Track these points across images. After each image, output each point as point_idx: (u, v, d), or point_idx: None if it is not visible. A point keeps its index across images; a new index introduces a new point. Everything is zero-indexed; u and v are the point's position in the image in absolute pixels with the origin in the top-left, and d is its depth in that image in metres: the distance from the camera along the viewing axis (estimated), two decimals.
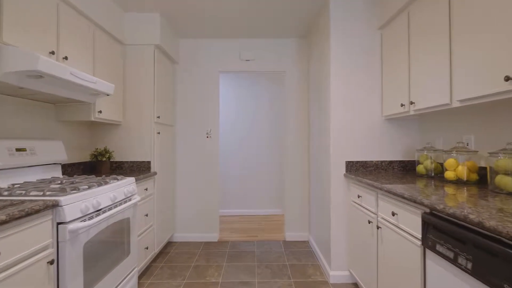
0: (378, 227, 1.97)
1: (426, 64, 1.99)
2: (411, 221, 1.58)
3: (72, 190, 1.76)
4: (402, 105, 2.27)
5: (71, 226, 1.58)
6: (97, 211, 1.85)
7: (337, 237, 2.68)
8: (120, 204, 2.16)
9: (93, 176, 2.39)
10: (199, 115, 3.86)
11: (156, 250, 3.10)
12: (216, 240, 3.81)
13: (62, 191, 1.70)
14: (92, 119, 2.52)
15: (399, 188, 1.77)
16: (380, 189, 1.90)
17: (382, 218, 1.94)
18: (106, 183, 2.08)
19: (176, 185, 3.85)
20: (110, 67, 2.79)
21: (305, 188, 3.85)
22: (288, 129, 3.86)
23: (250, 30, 3.64)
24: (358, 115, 2.70)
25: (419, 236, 1.49)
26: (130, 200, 2.34)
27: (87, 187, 1.89)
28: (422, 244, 1.45)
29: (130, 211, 2.34)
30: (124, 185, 2.27)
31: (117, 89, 2.92)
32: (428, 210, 1.46)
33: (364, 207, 2.26)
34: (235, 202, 5.15)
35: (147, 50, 3.09)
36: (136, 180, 2.55)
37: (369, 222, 2.10)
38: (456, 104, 1.73)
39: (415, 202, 1.50)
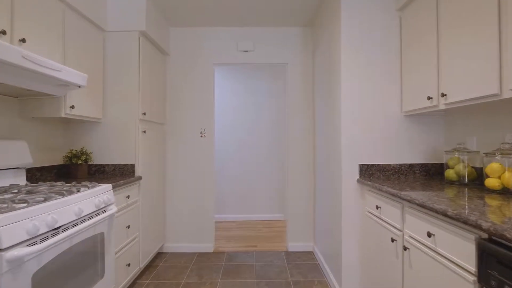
0: (405, 248, 1.59)
1: (463, 45, 1.61)
2: (459, 247, 1.20)
3: (19, 204, 1.38)
4: (429, 98, 1.90)
5: (10, 254, 1.20)
6: (54, 229, 1.48)
7: (349, 252, 2.30)
8: (90, 218, 1.79)
9: (62, 182, 2.01)
10: (192, 112, 3.48)
11: (142, 265, 2.72)
12: (211, 251, 3.43)
13: (3, 206, 1.32)
14: (63, 115, 2.14)
15: (434, 200, 1.39)
16: (409, 201, 1.52)
17: (411, 237, 1.57)
18: (70, 192, 1.70)
19: (166, 190, 3.47)
20: (86, 55, 2.42)
21: (310, 193, 3.47)
22: (291, 128, 3.48)
23: (249, 18, 3.26)
24: (373, 112, 2.32)
25: (472, 269, 1.12)
26: (104, 211, 1.97)
27: (42, 199, 1.51)
28: (479, 281, 1.08)
29: (105, 225, 1.96)
30: (96, 194, 1.89)
31: (95, 81, 2.55)
32: (485, 236, 1.08)
33: (384, 221, 1.88)
34: (233, 206, 4.77)
35: (131, 37, 2.71)
36: (114, 186, 2.17)
37: (392, 240, 1.73)
38: (508, 95, 1.36)
39: (465, 223, 1.12)
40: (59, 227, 1.51)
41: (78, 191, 1.81)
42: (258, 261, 3.13)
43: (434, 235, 1.36)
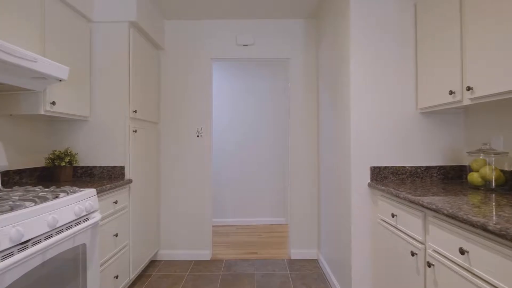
0: (429, 264, 1.38)
1: (494, 33, 1.39)
2: (502, 269, 0.99)
3: None
4: (451, 92, 1.68)
5: None
6: (22, 244, 1.26)
7: (360, 264, 2.09)
8: (69, 228, 1.57)
9: (40, 187, 1.80)
10: (189, 110, 3.27)
11: (133, 275, 2.51)
12: (209, 259, 3.22)
13: None
14: (42, 112, 1.93)
15: (466, 211, 1.17)
16: (435, 211, 1.30)
17: (437, 252, 1.35)
18: (44, 200, 1.49)
19: (160, 193, 3.25)
20: (71, 48, 2.20)
21: (314, 197, 3.26)
22: (293, 127, 3.27)
23: (248, 9, 3.05)
24: (386, 110, 2.11)
25: None
26: (87, 219, 1.76)
27: (9, 208, 1.30)
28: None
29: (87, 235, 1.75)
30: (77, 201, 1.68)
31: (81, 75, 2.33)
32: None
33: (402, 231, 1.67)
34: (232, 210, 4.56)
35: (121, 28, 2.49)
36: (99, 191, 1.96)
37: (413, 254, 1.51)
38: None
39: None
40: (27, 241, 1.30)
41: (56, 197, 1.60)
42: (258, 270, 2.92)
43: (468, 252, 1.14)
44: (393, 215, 1.72)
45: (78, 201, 1.69)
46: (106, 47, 2.49)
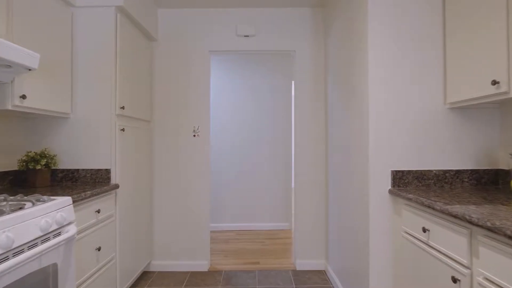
0: None
1: None
2: None
3: None
4: (494, 82, 1.40)
5: None
6: None
7: (379, 281, 1.80)
8: (32, 248, 1.29)
9: (5, 196, 1.51)
10: (184, 108, 2.98)
11: None
12: (206, 270, 2.93)
13: None
14: (9, 107, 1.65)
15: None
16: (492, 230, 1.02)
17: (490, 280, 1.07)
18: (0, 213, 1.21)
19: (153, 198, 2.97)
20: (48, 35, 1.92)
21: (321, 201, 2.98)
22: (299, 125, 2.99)
23: None
24: (409, 105, 1.83)
25: None
26: (59, 234, 1.48)
27: None
28: None
29: (58, 253, 1.46)
30: (45, 213, 1.40)
31: (61, 66, 2.05)
32: None
33: (437, 250, 1.38)
34: (231, 214, 4.27)
35: (106, 14, 2.21)
36: (77, 200, 1.68)
37: (455, 280, 1.23)
38: None
39: None
40: None
41: (21, 208, 1.32)
42: (261, 284, 2.64)
43: None
44: (424, 230, 1.44)
45: (47, 213, 1.40)
46: (90, 34, 2.21)
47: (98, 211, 1.92)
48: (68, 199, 1.58)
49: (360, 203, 1.96)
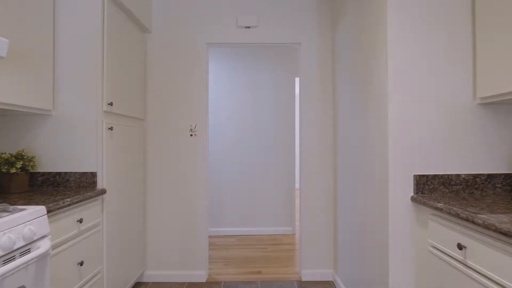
0: None
1: None
2: None
3: None
4: None
5: None
6: None
7: None
8: None
9: None
10: (180, 105, 2.76)
11: None
12: (204, 280, 2.71)
13: None
14: None
15: None
16: None
17: None
18: None
19: (146, 204, 2.75)
20: (24, 23, 1.69)
21: (328, 205, 2.75)
22: (304, 123, 2.76)
23: None
24: (433, 101, 1.60)
25: None
26: (28, 252, 1.25)
27: None
28: None
29: (28, 274, 1.24)
30: (7, 228, 1.17)
31: (41, 58, 1.82)
32: None
33: (478, 271, 1.15)
34: (231, 218, 4.05)
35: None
36: (53, 209, 1.45)
37: None
38: None
39: None
40: None
41: None
42: None
43: None
44: (460, 247, 1.21)
45: (10, 228, 1.18)
46: (75, 22, 1.98)
47: (81, 221, 1.69)
48: (41, 209, 1.36)
49: (378, 211, 1.73)
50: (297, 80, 4.15)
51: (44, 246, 1.29)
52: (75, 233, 1.67)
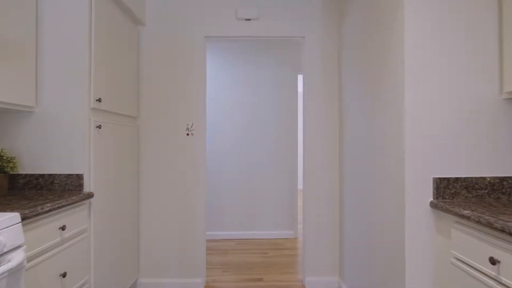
0: None
1: None
2: None
3: None
4: None
5: None
6: None
7: None
8: None
9: None
10: (176, 102, 2.60)
11: None
12: None
13: None
14: None
15: None
16: None
17: None
18: None
19: (140, 207, 2.58)
20: (2, 9, 1.53)
21: (334, 208, 2.59)
22: (308, 122, 2.61)
23: None
24: (454, 96, 1.44)
25: None
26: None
27: None
28: None
29: None
30: None
31: (22, 50, 1.66)
32: None
33: None
34: (230, 221, 3.89)
35: None
36: (30, 216, 1.29)
37: None
38: None
39: None
40: None
41: None
42: None
43: None
44: (493, 261, 1.05)
45: None
46: (59, 11, 1.82)
47: (63, 228, 1.53)
48: (14, 217, 1.20)
49: (392, 216, 1.57)
50: (299, 77, 3.97)
51: (16, 258, 1.13)
52: (57, 242, 1.51)
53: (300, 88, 4.91)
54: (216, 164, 3.91)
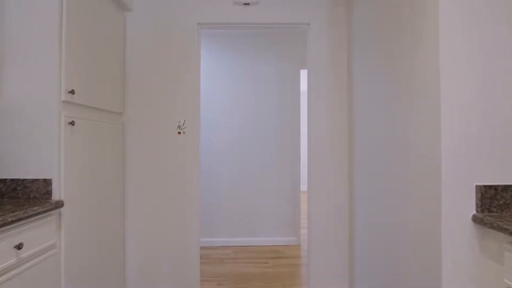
0: None
1: None
2: None
3: None
4: None
5: None
6: None
7: None
8: None
9: None
10: (166, 97, 2.32)
11: None
12: None
13: None
14: None
15: None
16: None
17: None
18: None
19: (126, 214, 2.30)
20: None
21: (343, 212, 2.32)
22: (313, 119, 2.34)
23: None
24: (500, 85, 1.17)
25: None
26: None
27: None
28: None
29: None
30: None
31: None
32: None
33: None
34: (227, 227, 3.61)
35: None
36: None
37: None
38: None
39: None
40: None
41: None
42: None
43: None
44: None
45: None
46: None
47: (19, 247, 1.25)
48: None
49: (422, 231, 1.30)
50: (302, 72, 3.70)
51: None
52: (13, 264, 1.23)
53: (302, 86, 4.64)
54: (212, 167, 3.62)
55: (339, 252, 2.32)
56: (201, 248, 2.85)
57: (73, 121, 1.62)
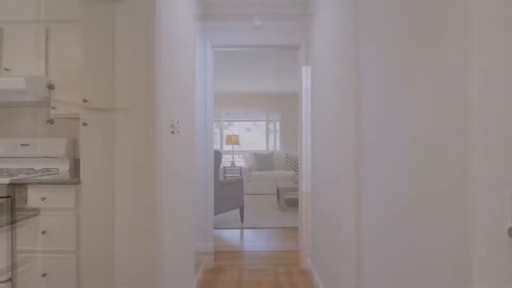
0: None
1: None
2: None
3: None
4: None
5: None
6: None
7: None
8: None
9: None
10: (159, 93, 2.15)
11: None
12: None
13: None
14: None
15: None
16: None
17: None
18: None
19: (116, 220, 2.13)
20: None
21: (350, 212, 2.17)
22: (317, 112, 2.18)
23: None
24: None
25: None
26: None
27: None
28: None
29: None
30: None
31: None
32: None
33: None
34: (226, 230, 3.45)
35: None
36: None
37: None
38: None
39: None
40: None
41: None
42: None
43: None
44: None
45: None
46: None
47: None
48: None
49: (448, 247, 1.14)
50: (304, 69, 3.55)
51: None
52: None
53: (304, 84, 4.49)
54: (207, 169, 3.45)
55: (346, 260, 2.16)
56: (197, 253, 2.70)
57: (52, 119, 1.45)
